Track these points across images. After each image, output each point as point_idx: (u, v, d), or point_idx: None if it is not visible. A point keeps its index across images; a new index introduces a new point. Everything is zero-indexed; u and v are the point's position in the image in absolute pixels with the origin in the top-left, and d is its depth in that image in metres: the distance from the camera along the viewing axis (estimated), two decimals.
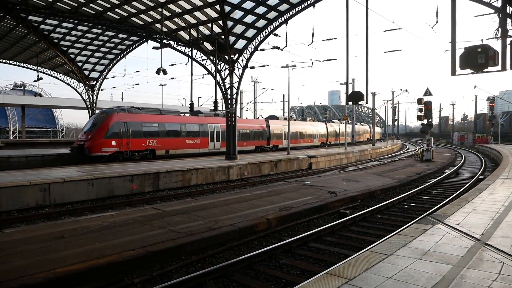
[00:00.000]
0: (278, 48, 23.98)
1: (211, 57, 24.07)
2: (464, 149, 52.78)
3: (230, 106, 24.17)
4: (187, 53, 25.27)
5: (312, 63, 29.36)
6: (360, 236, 9.44)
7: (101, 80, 35.79)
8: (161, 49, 22.60)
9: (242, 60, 24.36)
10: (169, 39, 24.14)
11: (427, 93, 28.31)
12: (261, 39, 23.63)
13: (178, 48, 25.00)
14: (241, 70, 24.38)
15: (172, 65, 35.38)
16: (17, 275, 5.84)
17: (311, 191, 14.36)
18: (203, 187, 18.07)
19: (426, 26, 27.37)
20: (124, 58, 33.22)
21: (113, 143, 22.21)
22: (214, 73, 24.30)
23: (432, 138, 31.75)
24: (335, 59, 28.27)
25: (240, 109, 56.31)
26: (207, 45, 24.00)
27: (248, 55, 24.23)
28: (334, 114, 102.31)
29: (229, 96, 24.18)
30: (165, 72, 22.85)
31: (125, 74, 34.48)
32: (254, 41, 23.86)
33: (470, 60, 11.26)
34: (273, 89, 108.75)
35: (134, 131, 23.29)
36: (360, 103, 19.37)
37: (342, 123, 50.40)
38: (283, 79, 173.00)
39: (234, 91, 24.18)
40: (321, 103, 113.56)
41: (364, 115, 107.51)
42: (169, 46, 24.02)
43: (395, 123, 72.30)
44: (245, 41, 23.89)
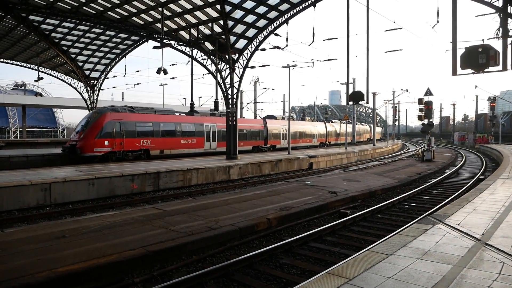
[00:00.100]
0: (279, 48, 23.97)
1: (212, 57, 24.08)
2: (465, 149, 52.75)
3: (231, 106, 24.18)
4: (188, 53, 25.27)
5: (313, 63, 29.38)
6: (361, 236, 9.44)
7: (102, 80, 35.82)
8: (162, 49, 22.62)
9: (243, 60, 24.36)
10: (170, 39, 24.16)
11: (428, 93, 28.30)
12: (262, 39, 23.64)
13: (179, 48, 25.00)
14: (242, 70, 24.39)
15: (173, 65, 35.47)
16: (18, 275, 5.85)
17: (312, 191, 14.37)
18: (204, 187, 18.08)
19: (427, 26, 27.35)
20: (125, 58, 33.28)
21: (106, 143, 21.83)
22: (215, 73, 24.30)
23: (433, 138, 31.73)
24: (336, 59, 28.29)
25: (241, 109, 56.29)
26: (208, 45, 24.01)
27: (249, 55, 24.23)
28: (335, 114, 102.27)
29: (230, 96, 24.19)
30: (166, 72, 22.85)
31: (126, 74, 34.57)
32: (255, 41, 23.86)
33: (471, 60, 11.25)
34: (274, 89, 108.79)
35: (128, 131, 22.91)
36: (361, 103, 19.38)
37: (343, 123, 50.36)
38: (284, 79, 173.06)
39: (235, 91, 24.19)
40: (322, 103, 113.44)
41: (365, 115, 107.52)
42: (170, 46, 24.04)
43: (396, 123, 72.29)
44: (246, 41, 23.90)
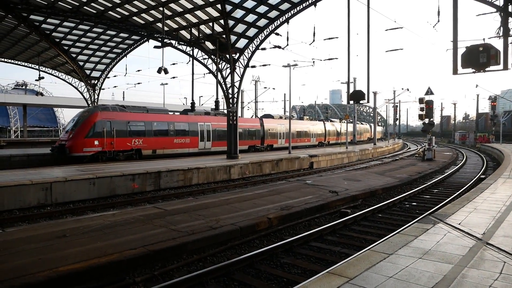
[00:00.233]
0: (280, 47, 23.94)
1: (212, 56, 24.07)
2: (466, 149, 52.70)
3: (231, 105, 24.17)
4: (188, 52, 25.28)
5: (314, 62, 29.33)
6: (361, 236, 9.44)
7: (103, 79, 35.84)
8: (162, 48, 22.61)
9: (243, 59, 24.35)
10: (170, 38, 24.16)
11: (429, 92, 28.26)
12: (262, 38, 23.62)
13: (179, 47, 24.99)
14: (242, 69, 24.38)
15: (173, 64, 35.46)
16: (19, 274, 5.86)
17: (312, 190, 14.37)
18: (204, 186, 18.09)
19: (428, 25, 27.34)
20: (125, 57, 33.27)
21: (96, 143, 21.41)
22: (215, 72, 24.29)
23: (434, 137, 31.70)
24: (337, 58, 28.21)
25: (241, 108, 56.42)
26: (208, 44, 24.00)
27: (249, 54, 24.22)
28: (336, 113, 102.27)
29: (230, 95, 24.19)
30: (166, 71, 22.84)
31: (127, 73, 34.51)
32: (255, 40, 23.85)
33: (472, 59, 11.22)
34: (274, 88, 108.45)
35: (119, 130, 22.48)
36: (362, 102, 19.31)
37: (343, 122, 50.29)
38: (285, 78, 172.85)
39: (235, 90, 24.18)
40: (323, 102, 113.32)
41: (366, 114, 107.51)
42: (170, 45, 24.03)
43: (397, 122, 72.26)
44: (246, 40, 23.88)
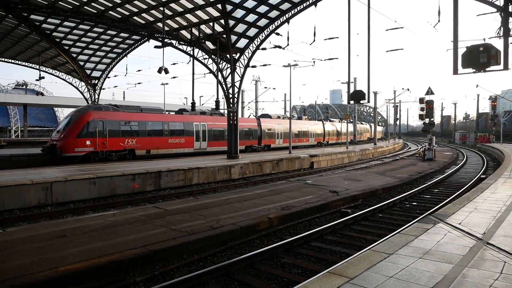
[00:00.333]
0: (280, 47, 23.93)
1: (213, 56, 24.07)
2: (466, 148, 52.68)
3: (232, 105, 24.17)
4: (189, 52, 25.28)
5: (314, 62, 29.33)
6: (362, 235, 9.44)
7: (103, 79, 35.87)
8: (163, 48, 22.60)
9: (244, 59, 24.35)
10: (171, 38, 24.15)
11: (429, 92, 28.25)
12: (263, 38, 23.62)
13: (180, 47, 25.00)
14: (243, 69, 24.38)
15: (174, 64, 35.42)
16: (20, 274, 5.86)
17: (313, 190, 14.36)
18: (205, 186, 18.09)
19: (428, 25, 27.35)
20: (126, 57, 33.30)
21: (88, 143, 21.06)
22: (216, 72, 24.29)
23: (434, 137, 31.69)
24: (337, 58, 28.22)
25: (242, 108, 56.38)
26: (209, 44, 23.99)
27: (250, 54, 24.22)
28: (336, 113, 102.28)
29: (231, 95, 24.19)
30: (167, 71, 22.84)
31: (127, 73, 34.58)
32: (256, 40, 23.85)
33: (472, 59, 11.22)
34: (275, 88, 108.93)
35: (111, 130, 22.14)
36: (362, 102, 19.32)
37: (344, 122, 50.24)
38: (285, 78, 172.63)
39: (236, 90, 24.19)
40: (323, 102, 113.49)
41: (366, 114, 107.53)
42: (171, 45, 24.04)
43: (397, 122, 72.23)
44: (247, 40, 23.88)
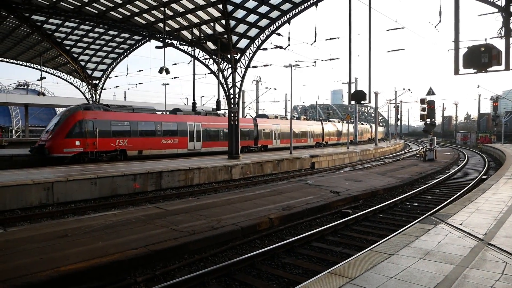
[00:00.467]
0: (281, 48, 23.93)
1: (214, 57, 24.08)
2: (467, 149, 52.61)
3: (233, 106, 24.18)
4: (190, 53, 25.28)
5: (315, 63, 29.36)
6: (363, 236, 9.43)
7: (104, 79, 35.91)
8: (164, 49, 22.61)
9: (245, 60, 24.36)
10: (172, 39, 24.18)
11: (430, 93, 28.24)
12: (264, 39, 23.63)
13: (181, 48, 25.00)
14: (244, 70, 24.38)
15: (175, 65, 35.41)
16: (21, 274, 5.87)
17: (314, 191, 14.36)
18: (206, 186, 18.10)
19: (429, 26, 27.34)
20: (127, 58, 33.36)
21: (77, 143, 20.68)
22: (217, 73, 24.30)
23: (435, 138, 31.64)
24: (338, 59, 28.26)
25: (243, 108, 56.36)
26: (210, 45, 24.00)
27: (251, 55, 24.22)
28: (337, 114, 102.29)
29: (232, 96, 24.19)
30: (168, 72, 22.84)
31: (128, 74, 34.61)
32: (257, 41, 23.86)
33: (473, 60, 11.22)
34: (276, 89, 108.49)
35: (102, 130, 21.79)
36: (363, 103, 19.30)
37: (344, 123, 50.21)
38: (286, 79, 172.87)
39: (237, 91, 24.19)
40: (324, 103, 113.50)
41: (367, 115, 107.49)
42: (172, 46, 24.06)
43: (398, 123, 72.18)
44: (248, 41, 23.89)
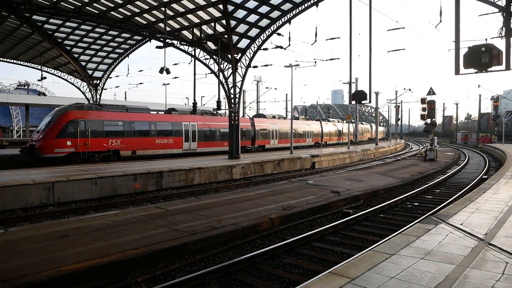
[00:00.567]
0: (281, 48, 23.95)
1: (214, 57, 24.09)
2: (468, 149, 52.58)
3: (233, 105, 24.18)
4: (190, 53, 25.29)
5: (315, 63, 29.42)
6: (363, 236, 9.43)
7: (105, 79, 35.91)
8: (164, 49, 22.63)
9: (245, 60, 24.35)
10: (172, 39, 24.18)
11: (431, 93, 28.22)
12: (264, 39, 23.62)
13: (181, 48, 25.01)
14: (244, 70, 24.38)
15: (175, 65, 35.41)
16: (22, 274, 5.87)
17: (314, 191, 14.36)
18: (206, 186, 18.11)
19: (430, 26, 27.33)
20: (128, 58, 33.35)
21: (68, 143, 20.38)
22: (217, 73, 24.31)
23: (436, 138, 31.61)
24: (338, 59, 28.30)
25: (243, 108, 56.36)
26: (210, 45, 24.00)
27: (251, 54, 24.22)
28: (337, 114, 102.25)
29: (232, 96, 24.19)
30: (168, 72, 22.85)
31: (128, 74, 34.62)
32: (257, 41, 23.85)
33: (474, 60, 11.21)
34: (276, 88, 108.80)
35: (94, 130, 21.50)
36: (363, 103, 19.31)
37: (345, 122, 50.19)
38: (286, 79, 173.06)
39: (237, 90, 24.19)
40: (324, 103, 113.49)
41: (368, 114, 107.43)
42: (172, 46, 24.05)
43: (399, 122, 72.14)
44: (248, 41, 23.89)
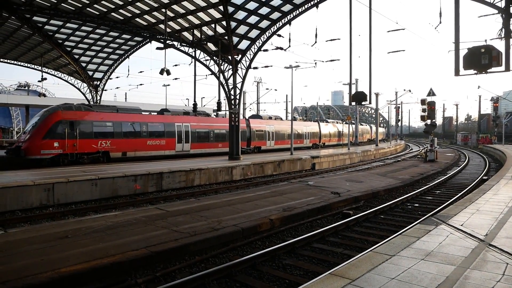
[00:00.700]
0: (282, 49, 23.95)
1: (215, 58, 24.11)
2: (468, 150, 52.58)
3: (233, 107, 24.20)
4: (191, 54, 25.32)
5: (316, 64, 29.31)
6: (364, 237, 9.42)
7: (105, 81, 35.98)
8: (165, 50, 22.68)
9: (246, 61, 24.38)
10: (173, 40, 24.22)
11: (431, 94, 28.24)
12: (265, 40, 23.66)
13: (182, 49, 25.06)
14: (244, 71, 24.40)
15: (176, 66, 35.36)
16: (22, 275, 5.86)
17: (314, 192, 14.35)
18: (206, 187, 18.09)
19: (430, 27, 27.39)
20: (128, 59, 33.44)
21: (55, 145, 19.89)
22: (218, 74, 24.32)
23: (436, 139, 31.62)
24: (338, 60, 28.35)
25: (244, 109, 56.36)
26: (211, 46, 24.04)
27: (252, 56, 24.25)
28: (337, 115, 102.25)
29: (232, 97, 24.20)
30: (169, 73, 22.86)
31: (129, 75, 34.78)
32: (258, 42, 23.88)
33: (474, 61, 11.22)
34: (276, 90, 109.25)
35: (82, 131, 21.03)
36: (364, 104, 19.32)
37: (345, 123, 50.18)
38: (287, 80, 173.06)
39: (237, 92, 24.20)
40: (324, 104, 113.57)
41: (368, 116, 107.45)
42: (173, 47, 24.11)
43: (399, 124, 72.14)
44: (249, 42, 23.91)
